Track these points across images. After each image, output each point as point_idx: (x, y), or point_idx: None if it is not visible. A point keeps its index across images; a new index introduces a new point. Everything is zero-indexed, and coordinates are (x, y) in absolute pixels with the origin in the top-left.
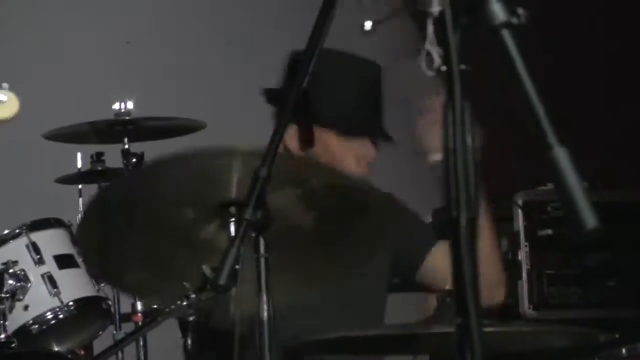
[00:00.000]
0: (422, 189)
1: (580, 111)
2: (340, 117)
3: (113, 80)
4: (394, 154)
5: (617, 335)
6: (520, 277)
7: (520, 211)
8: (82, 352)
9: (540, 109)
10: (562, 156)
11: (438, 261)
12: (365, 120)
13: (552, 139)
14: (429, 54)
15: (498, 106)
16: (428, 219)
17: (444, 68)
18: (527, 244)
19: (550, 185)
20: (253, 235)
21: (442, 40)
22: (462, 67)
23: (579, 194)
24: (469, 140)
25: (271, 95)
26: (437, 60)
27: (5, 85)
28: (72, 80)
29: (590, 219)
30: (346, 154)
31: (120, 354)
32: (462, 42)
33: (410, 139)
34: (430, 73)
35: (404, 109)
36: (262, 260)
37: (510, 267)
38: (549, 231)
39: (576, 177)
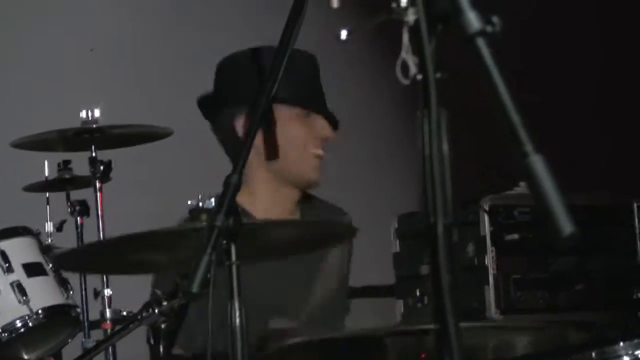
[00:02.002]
0: (387, 195)
1: (543, 116)
2: (300, 92)
3: (80, 88)
4: (359, 161)
5: (587, 338)
6: (487, 282)
7: (486, 216)
8: None
9: (516, 117)
10: (538, 164)
11: None
12: (320, 96)
13: (528, 146)
14: (404, 63)
15: (464, 111)
16: (394, 224)
17: (419, 76)
18: (493, 248)
19: (516, 190)
20: (224, 242)
21: (417, 48)
22: (438, 75)
23: (555, 201)
24: (445, 147)
25: (204, 102)
26: (413, 69)
27: None
28: (38, 89)
29: (567, 226)
30: (306, 132)
31: None
32: (437, 50)
33: (373, 146)
34: (405, 81)
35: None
36: (234, 268)
37: (477, 271)
38: (516, 236)
39: (553, 184)
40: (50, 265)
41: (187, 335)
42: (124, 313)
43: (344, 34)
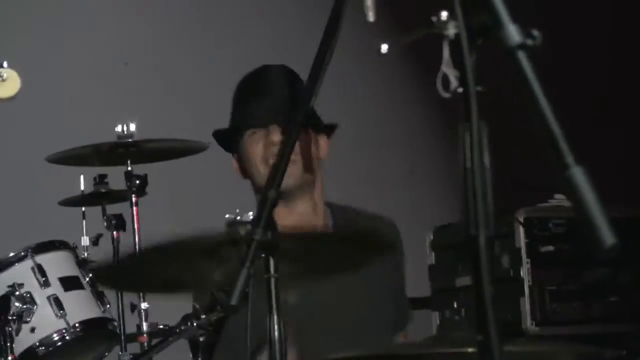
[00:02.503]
0: (422, 208)
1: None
2: (237, 115)
3: (115, 103)
4: (394, 175)
5: (624, 352)
6: (522, 294)
7: (521, 228)
8: None
9: (556, 129)
10: (579, 175)
11: None
12: (267, 110)
13: (568, 158)
14: (445, 76)
15: (499, 123)
16: (430, 236)
17: (460, 90)
18: (528, 260)
19: (550, 202)
20: (263, 255)
21: (458, 62)
22: (478, 88)
23: (597, 212)
24: (486, 160)
25: (218, 137)
26: (454, 82)
27: (5, 64)
28: (74, 103)
29: (608, 237)
30: (259, 147)
31: None
32: (478, 64)
33: (408, 158)
34: (446, 95)
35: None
36: (272, 281)
37: (512, 283)
38: (550, 247)
39: (594, 195)
40: (87, 279)
41: (228, 349)
42: (161, 326)
43: (384, 47)
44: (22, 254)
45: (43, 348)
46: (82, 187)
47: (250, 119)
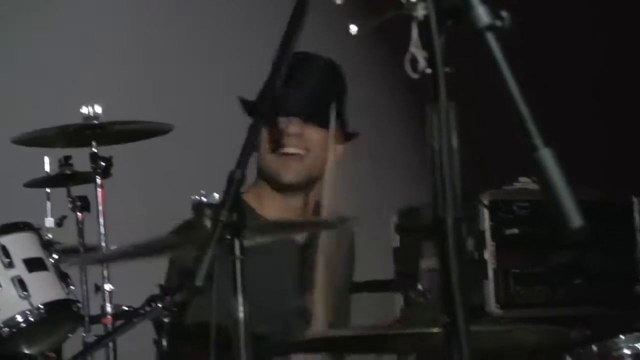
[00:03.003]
0: (387, 190)
1: (541, 110)
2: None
3: (81, 85)
4: (359, 156)
5: (588, 333)
6: (486, 277)
7: (486, 210)
8: (52, 355)
9: (525, 110)
10: (547, 157)
11: None
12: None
13: (537, 140)
14: (413, 57)
15: (464, 106)
16: (394, 219)
17: (428, 70)
18: (493, 243)
19: (515, 185)
20: (228, 237)
21: (426, 43)
22: (447, 69)
23: (564, 194)
24: (454, 141)
25: (248, 107)
26: (422, 63)
27: None
28: (39, 85)
29: (576, 218)
30: (268, 135)
31: (90, 357)
32: (447, 45)
33: (373, 141)
34: (415, 76)
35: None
36: (238, 262)
37: (476, 266)
38: (515, 230)
39: (562, 177)
40: (52, 260)
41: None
42: (125, 308)
43: (353, 28)
44: None
45: (7, 329)
46: (47, 169)
47: (260, 108)
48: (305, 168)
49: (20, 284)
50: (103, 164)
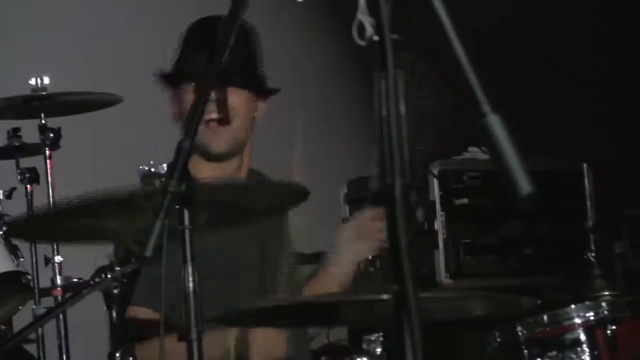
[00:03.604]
0: (336, 161)
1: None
2: (178, 67)
3: (29, 56)
4: (307, 126)
5: (538, 302)
6: (436, 247)
7: (435, 180)
8: (3, 327)
9: (473, 77)
10: (495, 123)
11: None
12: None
13: (485, 106)
14: (361, 24)
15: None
16: (344, 190)
17: (376, 38)
18: (443, 213)
19: (465, 155)
20: (177, 207)
21: (374, 10)
22: (394, 36)
23: (513, 161)
24: (402, 108)
25: (164, 77)
26: (369, 30)
27: None
28: None
29: (525, 185)
30: (190, 101)
31: (40, 329)
32: (394, 12)
33: (322, 111)
34: (362, 43)
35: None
36: (187, 232)
37: (427, 236)
38: (465, 200)
39: (510, 143)
40: (1, 232)
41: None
42: (75, 280)
43: None
44: None
45: None
46: None
47: (197, 71)
48: (232, 134)
49: None
50: (52, 135)
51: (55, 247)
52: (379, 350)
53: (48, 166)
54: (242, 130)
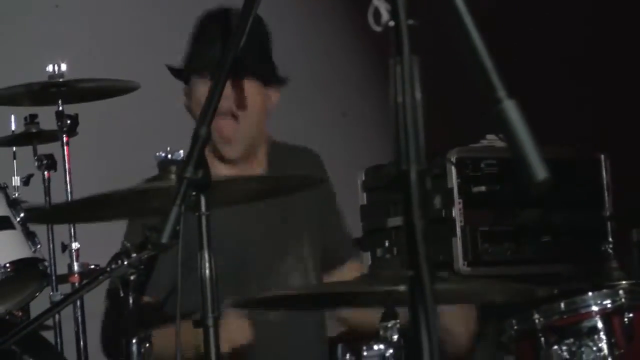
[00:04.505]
0: (353, 149)
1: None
2: (188, 61)
3: (46, 43)
4: (324, 116)
5: (555, 290)
6: (454, 234)
7: (453, 168)
8: (20, 314)
9: (488, 63)
10: (511, 109)
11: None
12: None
13: (501, 92)
14: (376, 10)
15: (433, 62)
16: (361, 177)
17: (391, 23)
18: (460, 200)
19: (482, 143)
20: (194, 194)
21: None
22: (410, 22)
23: (529, 146)
24: (417, 94)
25: (176, 71)
26: (385, 16)
27: None
28: (4, 43)
29: (540, 171)
30: (203, 93)
31: (57, 315)
32: None
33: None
34: (378, 29)
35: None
36: (203, 219)
37: (444, 224)
38: (482, 188)
39: (526, 129)
40: (18, 219)
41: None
42: (92, 266)
43: None
44: None
45: None
46: (12, 127)
47: (206, 64)
48: (245, 132)
49: None
50: (69, 122)
51: (72, 233)
52: (395, 337)
53: (65, 153)
54: (255, 125)
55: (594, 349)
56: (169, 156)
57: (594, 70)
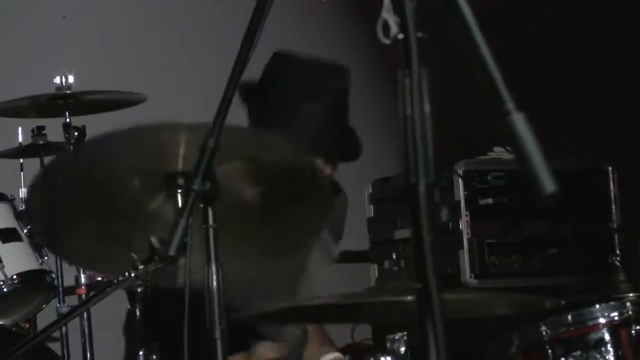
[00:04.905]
0: (361, 161)
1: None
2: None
3: (53, 55)
4: None
5: (562, 302)
6: (461, 247)
7: (460, 180)
8: (27, 326)
9: (497, 75)
10: (519, 121)
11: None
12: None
13: (509, 104)
14: (385, 22)
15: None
16: (369, 190)
17: (400, 36)
18: (467, 213)
19: (490, 155)
20: (201, 206)
21: (398, 7)
22: (419, 34)
23: (537, 159)
24: (426, 107)
25: (246, 92)
26: (394, 28)
27: None
28: (12, 55)
29: (549, 184)
30: None
31: (64, 327)
32: (419, 10)
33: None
34: (387, 41)
35: None
36: (211, 231)
37: (451, 236)
38: (489, 200)
39: (534, 141)
40: (25, 231)
41: None
42: (99, 278)
43: None
44: None
45: None
46: (20, 139)
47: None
48: None
49: None
50: (76, 133)
51: None
52: (403, 349)
53: None
54: None
55: None
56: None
57: (603, 82)
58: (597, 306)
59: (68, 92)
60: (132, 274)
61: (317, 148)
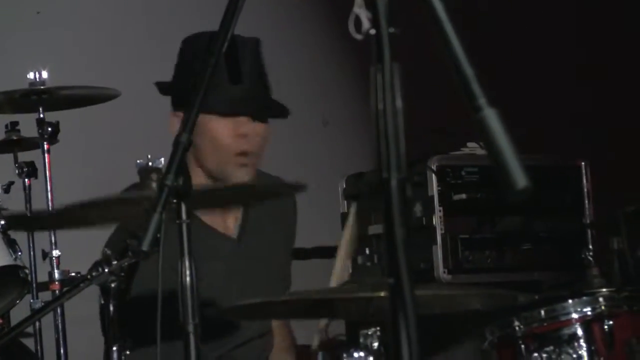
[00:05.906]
0: (335, 156)
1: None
2: (216, 100)
3: (27, 50)
4: (306, 123)
5: (536, 297)
6: (434, 242)
7: (434, 176)
8: (0, 321)
9: (469, 71)
10: (492, 117)
11: None
12: (242, 99)
13: (481, 100)
14: (357, 18)
15: (414, 70)
16: (342, 185)
17: (372, 31)
18: (441, 208)
19: (463, 150)
20: (174, 201)
21: (370, 3)
22: (391, 30)
23: (509, 154)
24: (398, 102)
25: (163, 88)
26: (366, 24)
27: None
28: None
29: (521, 179)
30: (224, 132)
31: (37, 323)
32: (391, 5)
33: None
34: (358, 37)
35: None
36: (184, 226)
37: (425, 232)
38: (463, 196)
39: (506, 137)
40: None
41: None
42: (73, 274)
43: None
44: None
45: None
46: None
47: (218, 103)
48: (255, 167)
49: None
50: (50, 129)
51: (53, 241)
52: (376, 344)
53: (46, 160)
54: (259, 160)
55: (574, 356)
56: (150, 164)
57: (576, 77)
58: (570, 301)
59: (42, 87)
60: (106, 270)
61: (248, 107)
